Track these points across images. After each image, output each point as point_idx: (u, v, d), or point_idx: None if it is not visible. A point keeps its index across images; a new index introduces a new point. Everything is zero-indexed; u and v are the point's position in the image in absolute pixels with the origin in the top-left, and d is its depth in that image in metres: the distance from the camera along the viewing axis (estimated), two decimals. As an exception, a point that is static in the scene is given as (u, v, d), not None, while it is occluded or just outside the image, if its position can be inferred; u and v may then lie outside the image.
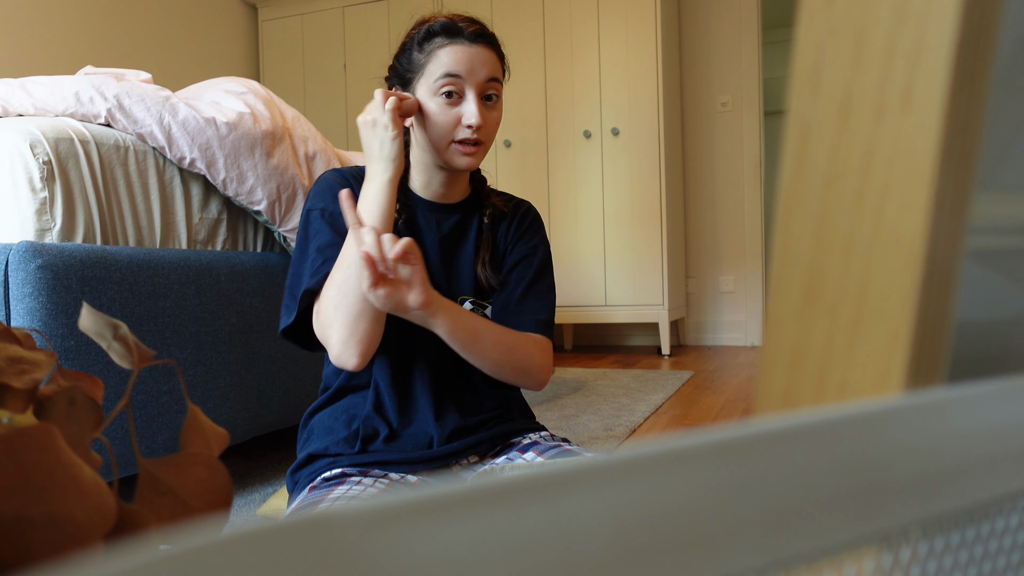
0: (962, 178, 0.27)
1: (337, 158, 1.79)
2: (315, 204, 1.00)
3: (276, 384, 1.60)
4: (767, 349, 0.29)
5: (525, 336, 1.01)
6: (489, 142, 1.00)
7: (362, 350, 0.91)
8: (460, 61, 0.96)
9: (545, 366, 1.03)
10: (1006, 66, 0.33)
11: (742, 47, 3.96)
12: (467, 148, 0.98)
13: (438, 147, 0.98)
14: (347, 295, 0.89)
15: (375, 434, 0.99)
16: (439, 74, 0.96)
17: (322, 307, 0.92)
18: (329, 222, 0.98)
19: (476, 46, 0.97)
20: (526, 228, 1.10)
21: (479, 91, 0.97)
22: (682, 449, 0.18)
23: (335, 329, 0.90)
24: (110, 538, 0.26)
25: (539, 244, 1.10)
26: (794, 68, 0.29)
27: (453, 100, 0.96)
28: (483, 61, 0.97)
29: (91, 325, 0.34)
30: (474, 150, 0.98)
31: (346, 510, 0.14)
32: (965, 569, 0.24)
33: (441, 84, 0.96)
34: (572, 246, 3.75)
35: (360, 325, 0.90)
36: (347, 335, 0.90)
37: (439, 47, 0.97)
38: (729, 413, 2.17)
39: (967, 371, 0.32)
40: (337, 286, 0.90)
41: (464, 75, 0.96)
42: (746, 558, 0.18)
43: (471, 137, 0.97)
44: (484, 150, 1.00)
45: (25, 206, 1.20)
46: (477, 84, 0.97)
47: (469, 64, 0.96)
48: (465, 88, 0.96)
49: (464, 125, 0.96)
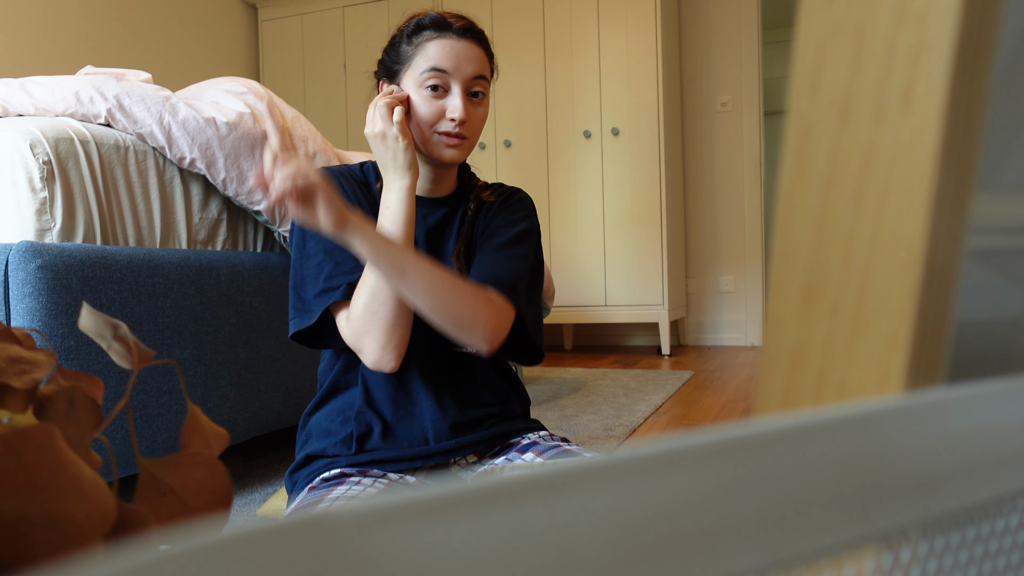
0: (962, 178, 0.27)
1: (337, 158, 1.79)
2: None
3: (276, 384, 1.60)
4: (767, 349, 0.29)
5: (472, 286, 0.92)
6: (474, 138, 1.00)
7: (398, 353, 0.93)
8: (447, 55, 0.96)
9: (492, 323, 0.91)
10: (1006, 66, 0.33)
11: (742, 47, 3.96)
12: (451, 140, 0.97)
13: (421, 139, 0.98)
14: (383, 303, 0.91)
15: (369, 430, 0.99)
16: (425, 67, 0.96)
17: (354, 315, 0.92)
18: None
19: (464, 41, 0.97)
20: (511, 204, 1.06)
21: (464, 87, 0.97)
22: (682, 449, 0.18)
23: (372, 336, 0.92)
24: (110, 538, 0.26)
25: (521, 220, 1.04)
26: (794, 68, 0.29)
27: (438, 93, 0.96)
28: (470, 57, 0.97)
29: (91, 325, 0.34)
30: (458, 142, 0.98)
31: (345, 510, 0.14)
32: (965, 569, 0.24)
33: (427, 77, 0.96)
34: (572, 246, 3.75)
35: (396, 332, 0.92)
36: (385, 341, 0.92)
37: (427, 40, 0.97)
38: (729, 413, 2.17)
39: (967, 371, 0.32)
40: (372, 294, 0.91)
41: (450, 70, 0.96)
42: (746, 558, 0.18)
43: (454, 130, 0.97)
44: (469, 145, 1.00)
45: (25, 206, 1.20)
46: (463, 79, 0.97)
47: (456, 59, 0.96)
48: (451, 83, 0.96)
49: (448, 118, 0.96)
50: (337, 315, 0.95)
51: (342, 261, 0.95)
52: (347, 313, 0.94)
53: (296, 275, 0.99)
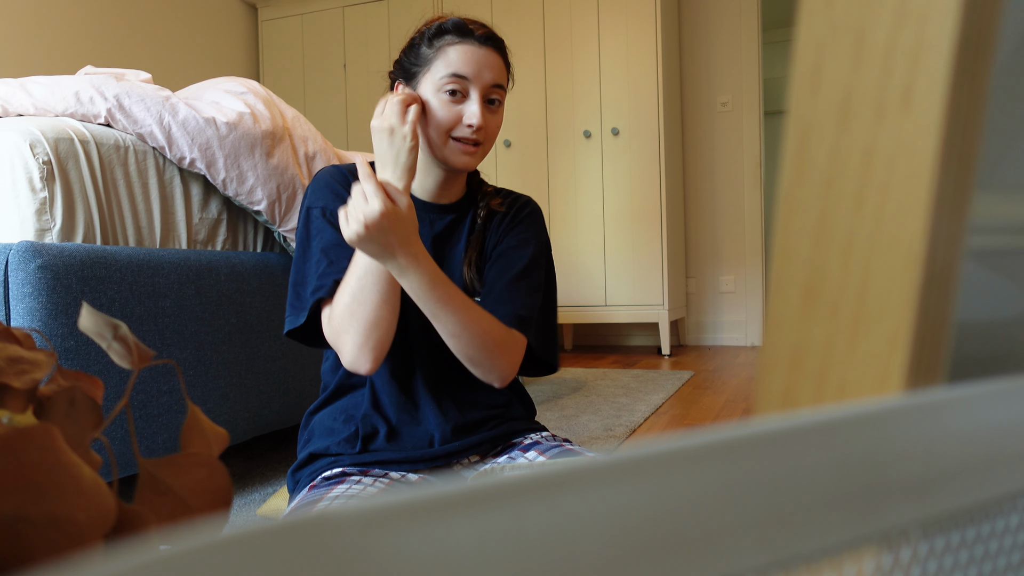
0: (962, 178, 0.27)
1: (337, 158, 1.79)
2: (314, 202, 1.00)
3: (276, 384, 1.60)
4: (767, 349, 0.29)
5: (505, 328, 0.97)
6: (488, 145, 1.00)
7: (376, 356, 0.91)
8: (468, 62, 0.96)
9: (509, 367, 0.98)
10: (1006, 66, 0.33)
11: (742, 47, 3.96)
12: (466, 147, 0.97)
13: (436, 143, 0.98)
14: (362, 303, 0.90)
15: (375, 432, 0.99)
16: (446, 72, 0.96)
17: (335, 313, 0.92)
18: (331, 221, 0.98)
19: (485, 48, 0.97)
20: (520, 220, 1.07)
21: (483, 94, 0.97)
22: (682, 449, 0.18)
23: (349, 336, 0.91)
24: (110, 538, 0.26)
25: (532, 239, 1.06)
26: (794, 68, 0.29)
27: (456, 98, 0.96)
28: (490, 65, 0.97)
29: (91, 325, 0.34)
30: (473, 150, 0.98)
31: (345, 510, 0.14)
32: (965, 569, 0.24)
33: (447, 81, 0.95)
34: (572, 246, 3.75)
35: (375, 333, 0.91)
36: (362, 342, 0.91)
37: (449, 44, 0.97)
38: (729, 413, 2.17)
39: (967, 371, 0.32)
40: (352, 294, 0.90)
41: (470, 76, 0.96)
42: (746, 558, 0.18)
43: (470, 136, 0.97)
44: (483, 152, 1.00)
45: (25, 206, 1.20)
46: (482, 86, 0.97)
47: (476, 66, 0.96)
48: (470, 89, 0.96)
49: (465, 124, 0.96)
50: (322, 313, 0.95)
51: (336, 260, 0.95)
52: (329, 311, 0.94)
53: (297, 272, 0.99)
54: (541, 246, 1.08)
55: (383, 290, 0.90)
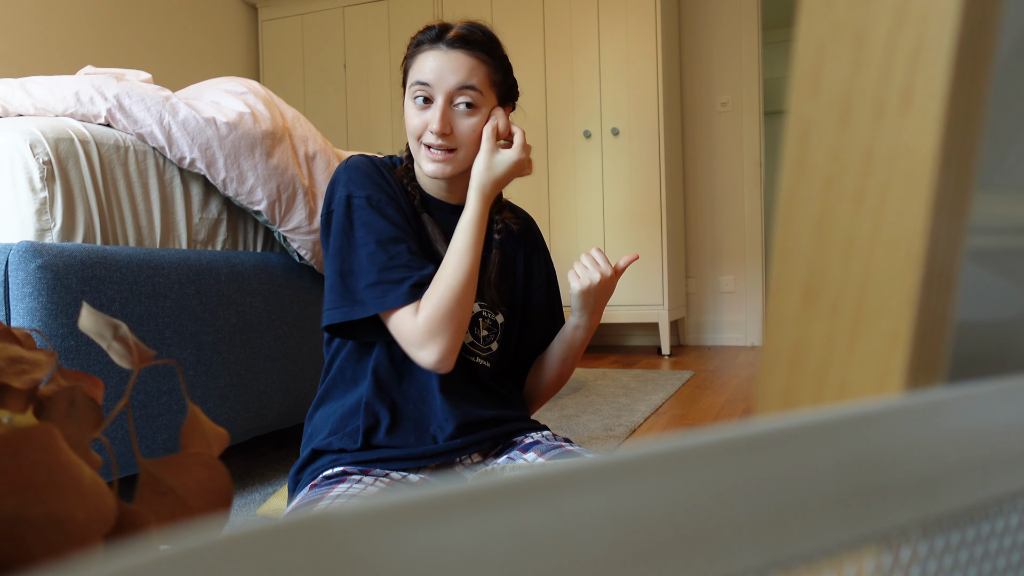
0: (962, 178, 0.27)
1: (337, 158, 1.79)
2: (355, 191, 0.99)
3: (276, 384, 1.60)
4: (767, 349, 0.29)
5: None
6: (463, 149, 1.00)
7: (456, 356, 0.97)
8: (431, 68, 0.97)
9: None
10: (1006, 66, 0.33)
11: (742, 47, 3.96)
12: (432, 154, 0.99)
13: (413, 150, 1.02)
14: (465, 308, 0.94)
15: (376, 423, 0.99)
16: (413, 80, 0.99)
17: (431, 315, 0.93)
18: (378, 211, 0.97)
19: (453, 51, 0.97)
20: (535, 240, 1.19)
21: (447, 98, 0.97)
22: (682, 449, 0.18)
23: (446, 339, 0.93)
24: (110, 538, 0.26)
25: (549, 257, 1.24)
26: (794, 68, 0.29)
27: (425, 105, 0.98)
28: (455, 68, 0.97)
29: (91, 325, 0.34)
30: (441, 156, 0.99)
31: (345, 510, 0.14)
32: (965, 569, 0.24)
33: (415, 90, 0.98)
34: (572, 246, 3.75)
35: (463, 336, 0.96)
36: (455, 345, 0.94)
37: (419, 52, 0.99)
38: (729, 413, 2.17)
39: (967, 371, 0.32)
40: (458, 299, 0.93)
41: (432, 82, 0.97)
42: (746, 558, 0.18)
43: (435, 143, 0.98)
44: (457, 158, 1.00)
45: (25, 206, 1.20)
46: (445, 91, 0.97)
47: (439, 71, 0.97)
48: (434, 94, 0.98)
49: (428, 131, 0.98)
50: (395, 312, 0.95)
51: (396, 255, 0.95)
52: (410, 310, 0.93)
53: (342, 263, 0.97)
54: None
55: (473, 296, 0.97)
